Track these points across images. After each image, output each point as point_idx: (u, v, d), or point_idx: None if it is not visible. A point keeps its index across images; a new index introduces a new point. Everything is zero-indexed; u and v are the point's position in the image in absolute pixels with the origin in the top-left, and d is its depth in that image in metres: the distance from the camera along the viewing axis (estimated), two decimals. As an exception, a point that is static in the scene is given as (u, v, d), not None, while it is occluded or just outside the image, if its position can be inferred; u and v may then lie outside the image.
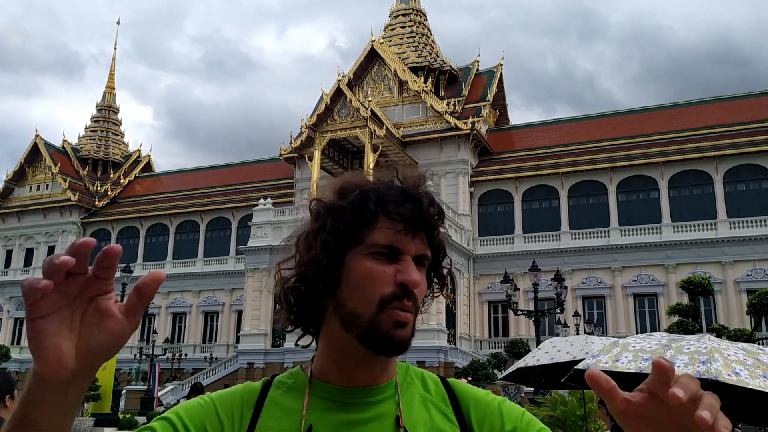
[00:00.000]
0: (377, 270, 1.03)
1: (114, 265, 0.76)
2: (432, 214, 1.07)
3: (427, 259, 1.07)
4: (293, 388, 1.11)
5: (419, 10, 47.77)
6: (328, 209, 1.07)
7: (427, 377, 1.16)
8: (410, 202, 1.05)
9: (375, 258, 1.04)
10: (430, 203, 1.07)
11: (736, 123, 36.59)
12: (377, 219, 1.05)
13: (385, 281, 1.02)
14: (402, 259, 1.04)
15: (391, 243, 1.04)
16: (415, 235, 1.05)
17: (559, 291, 22.81)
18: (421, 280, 1.05)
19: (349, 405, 1.06)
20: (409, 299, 1.02)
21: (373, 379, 1.08)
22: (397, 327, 1.01)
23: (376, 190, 1.06)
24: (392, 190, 1.06)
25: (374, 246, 1.04)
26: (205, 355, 40.98)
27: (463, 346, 34.63)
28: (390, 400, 1.08)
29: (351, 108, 37.62)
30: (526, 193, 38.64)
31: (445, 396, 1.13)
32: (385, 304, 1.01)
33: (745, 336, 19.01)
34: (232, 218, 45.22)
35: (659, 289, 34.50)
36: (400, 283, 1.02)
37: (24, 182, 52.54)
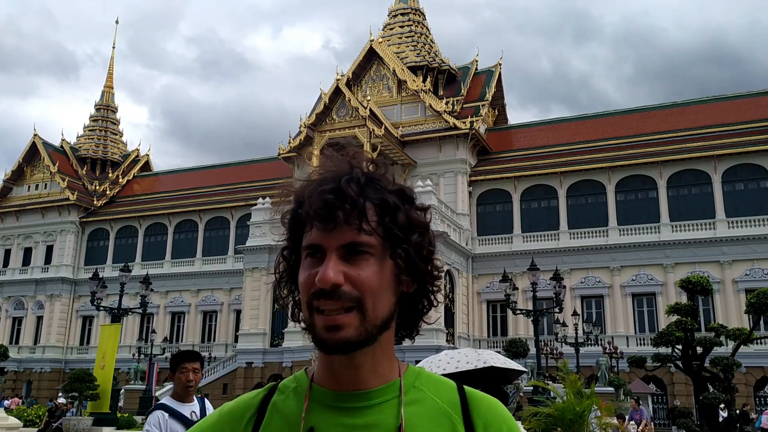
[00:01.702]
0: (303, 275, 1.01)
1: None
2: (335, 199, 0.99)
3: (365, 246, 0.99)
4: (295, 392, 1.10)
5: (418, 10, 47.75)
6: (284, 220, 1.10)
7: (442, 382, 1.11)
8: (324, 193, 1.00)
9: (307, 262, 1.01)
10: (335, 188, 1.00)
11: (734, 123, 36.60)
12: (307, 221, 1.03)
13: (309, 284, 0.99)
14: (328, 258, 0.99)
15: (312, 242, 1.01)
16: (333, 226, 0.99)
17: (558, 290, 22.83)
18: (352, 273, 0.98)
19: (343, 410, 1.04)
20: (330, 298, 0.97)
21: (361, 383, 1.04)
22: (328, 330, 0.98)
23: (299, 192, 1.05)
24: (308, 187, 1.03)
25: (303, 250, 1.03)
26: (204, 355, 40.92)
27: (462, 345, 34.64)
28: (390, 405, 1.05)
29: (350, 107, 37.62)
30: (525, 193, 38.64)
31: (457, 404, 1.08)
32: (312, 307, 0.99)
33: (743, 335, 19.02)
34: (231, 218, 45.20)
35: (658, 289, 34.52)
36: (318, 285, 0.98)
37: (22, 181, 52.47)
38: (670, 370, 27.98)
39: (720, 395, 17.68)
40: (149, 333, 36.65)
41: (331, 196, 0.99)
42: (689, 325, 18.55)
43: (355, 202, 0.99)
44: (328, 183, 1.01)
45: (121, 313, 23.10)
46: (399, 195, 1.04)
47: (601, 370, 24.94)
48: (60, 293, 47.60)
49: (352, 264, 0.99)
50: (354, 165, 1.05)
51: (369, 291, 0.99)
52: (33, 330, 47.90)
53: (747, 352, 25.90)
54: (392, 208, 1.02)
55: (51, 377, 45.25)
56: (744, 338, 18.85)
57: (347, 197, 0.99)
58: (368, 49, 42.68)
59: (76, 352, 47.04)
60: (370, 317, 0.99)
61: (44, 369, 46.00)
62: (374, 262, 1.00)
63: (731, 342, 20.08)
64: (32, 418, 19.59)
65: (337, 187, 1.00)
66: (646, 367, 22.04)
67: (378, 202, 1.01)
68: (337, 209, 0.98)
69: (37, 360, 46.37)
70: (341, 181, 1.01)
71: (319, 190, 1.00)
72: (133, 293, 37.38)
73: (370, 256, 1.00)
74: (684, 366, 18.95)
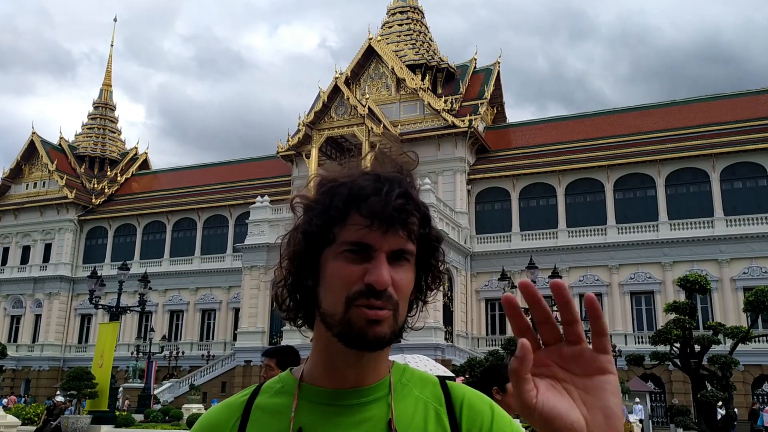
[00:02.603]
0: (345, 270, 1.00)
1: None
2: (405, 205, 1.00)
3: (408, 254, 1.02)
4: (281, 392, 1.10)
5: (416, 8, 47.72)
6: (305, 208, 1.07)
7: (426, 378, 1.14)
8: (379, 194, 1.00)
9: (346, 257, 1.01)
10: (403, 193, 1.01)
11: (732, 121, 36.63)
12: (348, 215, 1.01)
13: (351, 281, 0.99)
14: (373, 257, 1.00)
15: (360, 240, 1.00)
16: (388, 229, 0.99)
17: (556, 289, 22.80)
18: (396, 278, 1.01)
19: (338, 407, 1.05)
20: (379, 298, 0.99)
21: (362, 380, 1.06)
22: (369, 324, 0.99)
23: (348, 184, 1.02)
24: (363, 182, 1.02)
25: (344, 244, 1.01)
26: (203, 353, 40.95)
27: (461, 343, 34.67)
28: (381, 401, 1.06)
29: (348, 106, 37.60)
30: (524, 191, 38.66)
31: (441, 398, 1.10)
32: (351, 303, 0.99)
33: (741, 333, 19.04)
34: (230, 216, 45.17)
35: (656, 287, 34.56)
36: (367, 284, 0.98)
37: (20, 180, 52.41)
38: (668, 368, 28.00)
39: (718, 393, 17.70)
40: (148, 331, 36.64)
41: (402, 201, 1.00)
42: (687, 324, 18.56)
43: (419, 210, 1.03)
44: (388, 184, 1.01)
45: (120, 311, 23.08)
46: (427, 208, 1.06)
47: (599, 368, 24.89)
48: (58, 291, 47.57)
49: (394, 269, 1.01)
50: (405, 172, 1.05)
51: (404, 296, 1.03)
52: (31, 328, 47.88)
53: (745, 350, 25.96)
54: (429, 220, 1.06)
55: (49, 375, 45.23)
56: (742, 336, 18.87)
57: (414, 204, 1.02)
58: (367, 48, 42.65)
59: (74, 350, 47.03)
60: (399, 320, 1.03)
61: (43, 367, 45.98)
62: (410, 269, 1.03)
63: (729, 340, 20.11)
64: (31, 417, 19.57)
65: (406, 192, 1.01)
66: (644, 366, 22.05)
67: (423, 213, 1.04)
68: (408, 215, 1.01)
69: (36, 358, 46.34)
70: (407, 187, 1.02)
71: (386, 189, 1.00)
72: (132, 291, 37.36)
73: (408, 264, 1.03)
74: (682, 364, 18.97)
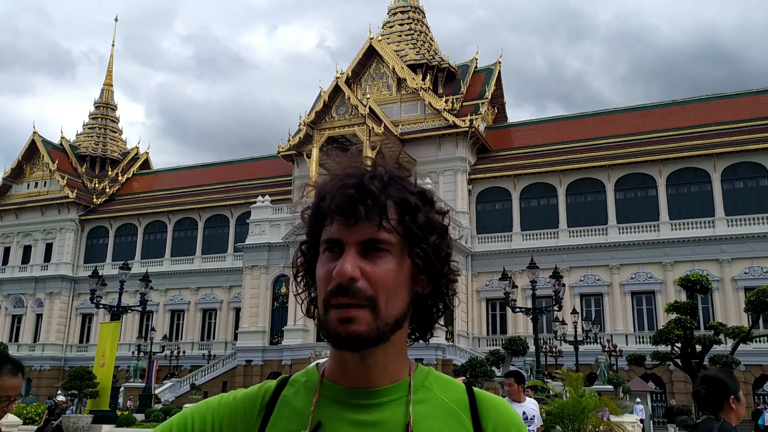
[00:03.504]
0: (321, 270, 1.01)
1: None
2: (354, 194, 0.99)
3: (383, 243, 0.99)
4: (306, 386, 1.10)
5: (417, 8, 47.71)
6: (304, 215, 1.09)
7: (451, 383, 1.12)
8: (346, 188, 1.00)
9: (326, 256, 1.01)
10: (357, 183, 1.00)
11: (733, 121, 36.61)
12: (325, 219, 1.02)
13: (327, 281, 0.99)
14: (346, 252, 0.99)
15: (331, 236, 1.00)
16: (355, 221, 0.99)
17: (557, 288, 22.82)
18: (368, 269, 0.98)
19: (354, 406, 1.05)
20: (345, 294, 0.97)
21: (372, 380, 1.05)
22: (341, 323, 0.97)
23: (321, 187, 1.05)
24: (331, 182, 1.03)
25: (322, 244, 1.02)
26: (203, 353, 40.96)
27: (461, 343, 34.66)
28: (399, 403, 1.05)
29: (349, 105, 37.59)
30: (525, 191, 38.64)
31: (466, 404, 1.08)
32: (328, 304, 0.99)
33: (743, 333, 19.04)
34: (231, 215, 45.19)
35: (657, 287, 34.53)
36: (334, 280, 0.98)
37: (22, 179, 52.44)
38: (669, 368, 28.01)
39: (719, 393, 17.69)
40: (149, 331, 36.65)
41: (352, 191, 0.99)
42: (688, 324, 18.57)
43: (377, 199, 1.00)
44: (351, 179, 1.02)
45: (121, 311, 23.10)
46: (420, 196, 1.05)
47: (600, 368, 24.94)
48: (59, 291, 47.60)
49: (370, 260, 0.99)
50: (378, 164, 1.06)
51: (383, 288, 0.99)
52: (32, 328, 47.91)
53: (746, 350, 25.95)
54: (413, 208, 1.03)
55: (50, 375, 45.26)
56: (743, 336, 18.88)
57: (369, 193, 1.00)
58: (368, 47, 42.64)
59: (75, 349, 47.06)
60: (383, 315, 0.99)
61: (44, 367, 46.01)
62: (391, 260, 1.00)
63: (730, 340, 20.12)
64: (32, 416, 19.58)
65: (359, 182, 1.01)
66: (645, 365, 22.08)
67: (399, 201, 1.02)
68: (359, 204, 0.99)
69: (37, 358, 46.36)
70: (364, 178, 1.01)
71: (341, 184, 1.01)
72: (133, 291, 37.38)
73: (388, 254, 1.00)
74: (683, 364, 18.97)
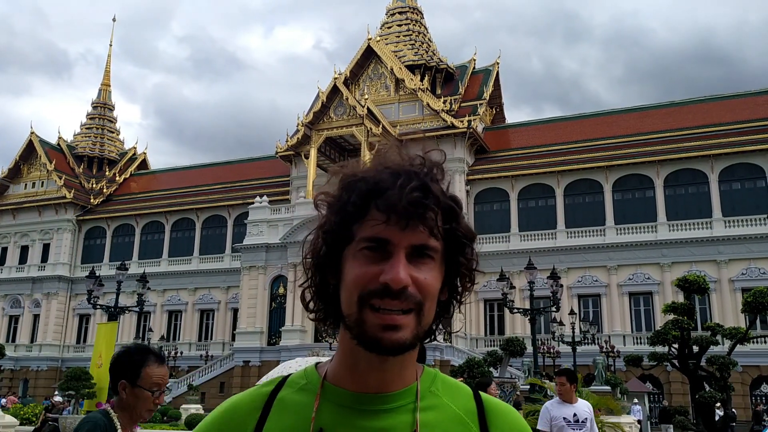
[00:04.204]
0: (360, 269, 0.96)
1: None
2: (421, 198, 0.95)
3: (431, 250, 0.96)
4: (305, 389, 1.06)
5: (416, 8, 47.74)
6: (327, 206, 1.02)
7: (458, 388, 1.08)
8: (395, 188, 0.95)
9: (364, 254, 0.96)
10: (420, 185, 0.95)
11: (731, 122, 36.66)
12: (367, 211, 0.96)
13: (366, 280, 0.95)
14: (392, 254, 0.95)
15: (377, 235, 0.95)
16: (407, 224, 0.94)
17: (555, 289, 22.85)
18: (418, 277, 0.95)
19: (361, 412, 1.00)
20: (395, 298, 0.94)
21: (385, 385, 1.01)
22: (385, 330, 0.94)
23: (367, 178, 0.98)
24: (382, 176, 0.97)
25: (361, 241, 0.96)
26: (201, 353, 40.93)
27: (459, 344, 34.67)
28: (406, 409, 1.01)
29: (347, 106, 37.60)
30: (522, 192, 38.66)
31: (474, 411, 1.04)
32: (365, 302, 0.95)
33: (740, 334, 19.05)
34: (228, 216, 45.15)
35: (654, 288, 34.57)
36: (383, 284, 0.93)
37: (19, 179, 52.36)
38: (666, 369, 28.03)
39: (716, 394, 17.72)
40: (146, 331, 36.63)
41: (419, 194, 0.94)
42: (686, 324, 18.57)
43: (439, 204, 0.96)
44: (405, 177, 0.96)
45: (118, 311, 23.07)
46: (455, 202, 1.01)
47: (597, 369, 24.94)
48: (57, 291, 47.52)
49: (416, 266, 0.96)
50: (428, 163, 1.00)
51: (430, 296, 0.97)
52: (30, 328, 47.83)
53: (743, 351, 25.97)
54: (456, 215, 1.00)
55: (48, 375, 45.18)
56: (740, 337, 18.89)
57: (433, 198, 0.96)
58: (366, 48, 42.65)
59: (72, 350, 46.97)
60: (424, 322, 0.97)
61: (41, 367, 45.93)
62: (434, 267, 0.98)
63: (727, 341, 20.14)
64: (29, 417, 19.55)
65: (424, 185, 0.96)
66: (642, 366, 22.08)
67: (446, 207, 0.99)
68: (426, 209, 0.94)
69: (34, 358, 46.28)
70: (426, 179, 0.96)
71: (400, 182, 0.95)
72: (130, 291, 37.33)
73: (432, 261, 0.97)
74: (680, 365, 18.98)
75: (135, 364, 2.50)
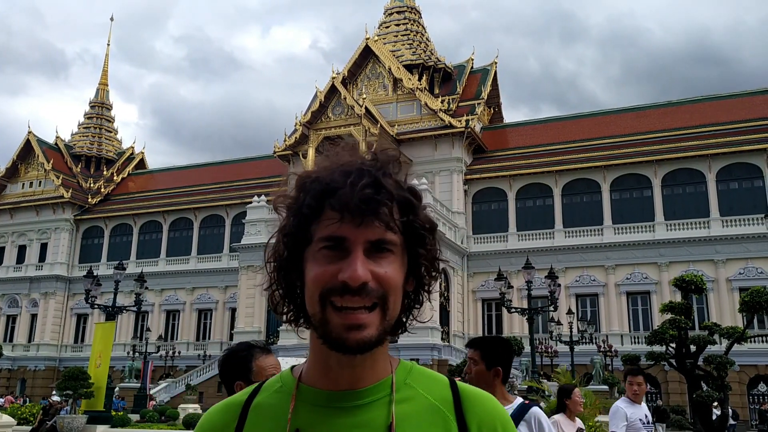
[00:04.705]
0: (319, 269, 0.96)
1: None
2: (373, 194, 0.95)
3: (389, 244, 0.97)
4: (280, 391, 1.06)
5: (414, 8, 47.73)
6: (286, 208, 1.02)
7: (434, 378, 1.08)
8: (349, 185, 0.95)
9: (323, 254, 0.96)
10: (372, 182, 0.96)
11: (728, 122, 36.73)
12: (322, 211, 0.97)
13: (325, 279, 0.95)
14: (351, 251, 0.95)
15: (334, 234, 0.95)
16: (363, 220, 0.95)
17: (553, 289, 22.87)
18: (378, 271, 0.96)
19: (335, 410, 1.01)
20: (356, 294, 0.94)
21: (358, 381, 1.01)
22: (349, 330, 0.94)
23: (321, 178, 0.98)
24: (334, 176, 0.97)
25: (320, 241, 0.97)
26: (199, 353, 40.89)
27: (457, 343, 34.69)
28: (381, 403, 1.01)
29: (345, 105, 37.60)
30: (520, 191, 38.70)
31: (450, 401, 1.05)
32: (326, 300, 0.95)
33: (737, 333, 19.08)
34: (226, 215, 45.12)
35: (652, 287, 34.63)
36: (342, 282, 0.94)
37: (16, 179, 52.28)
38: (664, 368, 28.07)
39: (713, 393, 17.74)
40: (144, 331, 36.59)
41: (370, 190, 0.95)
42: (683, 324, 18.60)
43: (392, 198, 0.97)
44: (356, 174, 0.97)
45: (116, 311, 23.06)
46: (413, 194, 1.02)
47: (595, 368, 25.03)
48: (54, 291, 47.46)
49: (375, 261, 0.96)
50: (380, 159, 1.01)
51: (392, 289, 0.98)
52: (27, 328, 47.76)
53: (741, 350, 26.00)
54: (413, 207, 1.01)
55: (45, 375, 45.12)
56: (737, 337, 18.91)
57: (386, 192, 0.96)
58: (364, 47, 42.65)
59: (70, 350, 46.92)
60: (390, 316, 0.98)
61: (38, 367, 45.88)
62: (395, 260, 0.99)
63: (725, 340, 20.15)
64: (26, 416, 19.53)
65: (375, 180, 0.96)
66: (640, 366, 22.10)
67: (402, 200, 0.99)
68: (379, 204, 0.95)
69: (32, 358, 46.22)
70: (377, 175, 0.97)
71: (351, 180, 0.96)
72: (128, 291, 37.27)
73: (392, 255, 0.98)
74: (678, 364, 19.01)
75: (244, 361, 2.44)
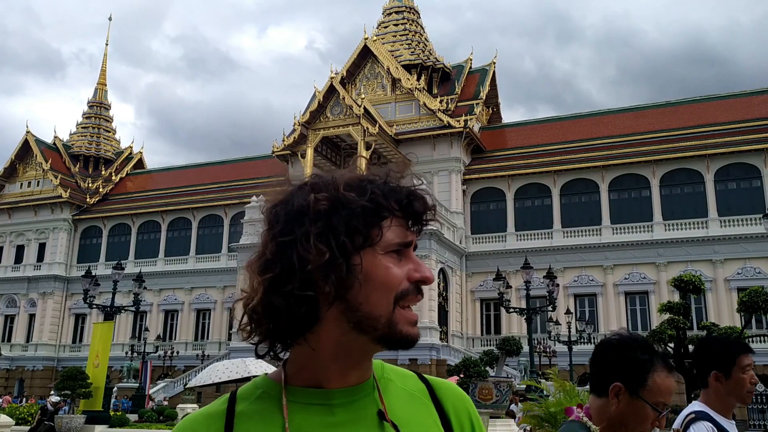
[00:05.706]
0: (394, 270, 1.01)
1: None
2: (431, 209, 1.09)
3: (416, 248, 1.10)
4: (263, 397, 1.06)
5: (412, 8, 47.75)
6: (335, 207, 0.99)
7: (404, 373, 1.17)
8: (417, 199, 1.06)
9: (392, 257, 1.02)
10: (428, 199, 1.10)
11: (726, 122, 36.78)
12: (389, 216, 1.04)
13: (399, 281, 1.01)
14: (407, 255, 1.04)
15: (405, 240, 1.04)
16: (422, 229, 1.09)
17: (551, 288, 22.91)
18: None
19: (333, 407, 1.04)
20: (419, 293, 1.04)
21: (360, 378, 1.07)
22: (413, 325, 1.03)
23: (383, 186, 1.04)
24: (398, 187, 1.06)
25: (390, 245, 1.01)
26: (197, 353, 40.88)
27: (456, 343, 34.71)
28: (370, 397, 1.07)
29: (344, 105, 37.58)
30: (519, 191, 38.72)
31: (425, 390, 1.14)
32: (398, 301, 1.01)
33: (735, 333, 19.11)
34: (225, 215, 45.11)
35: (650, 287, 34.66)
36: (415, 281, 1.02)
37: (14, 179, 52.21)
38: (662, 368, 28.11)
39: (712, 393, 17.75)
40: (142, 331, 36.56)
41: (429, 200, 1.09)
42: (681, 324, 18.64)
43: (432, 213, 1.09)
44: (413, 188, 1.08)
45: (114, 311, 23.05)
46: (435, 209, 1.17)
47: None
48: (52, 291, 47.41)
49: None
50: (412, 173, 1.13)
51: None
52: (25, 328, 47.71)
53: (738, 350, 26.06)
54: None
55: (43, 375, 45.08)
56: (736, 337, 18.94)
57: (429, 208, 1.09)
58: (362, 47, 42.65)
59: (68, 350, 46.88)
60: None
61: (36, 367, 45.83)
62: None
63: (723, 340, 20.18)
64: (24, 416, 19.51)
65: (422, 194, 1.09)
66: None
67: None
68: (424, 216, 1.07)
69: (30, 358, 46.18)
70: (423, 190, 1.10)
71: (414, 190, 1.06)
72: (126, 291, 37.23)
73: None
74: (676, 364, 19.03)
75: (639, 366, 1.89)
